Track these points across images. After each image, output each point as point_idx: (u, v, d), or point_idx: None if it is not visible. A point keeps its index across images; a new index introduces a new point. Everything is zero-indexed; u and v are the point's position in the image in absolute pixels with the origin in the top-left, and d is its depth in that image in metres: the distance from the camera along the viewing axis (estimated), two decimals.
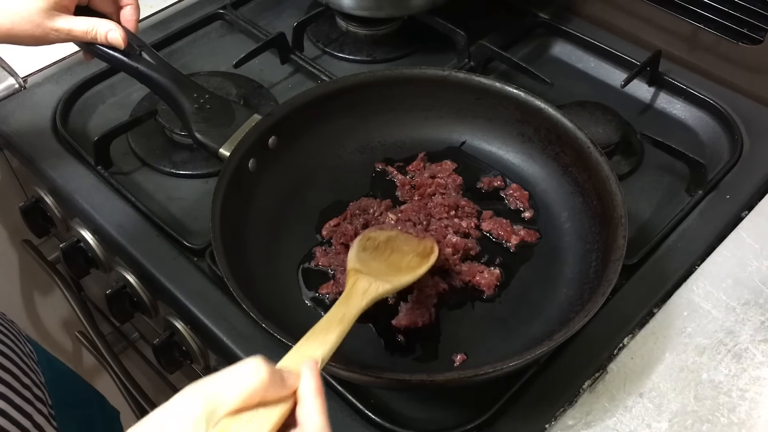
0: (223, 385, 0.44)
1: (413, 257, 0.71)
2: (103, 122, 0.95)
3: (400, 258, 0.70)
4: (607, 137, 0.88)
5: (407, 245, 0.72)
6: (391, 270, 0.68)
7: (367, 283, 0.64)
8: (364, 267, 0.66)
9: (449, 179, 0.83)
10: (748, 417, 0.67)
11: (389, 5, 1.01)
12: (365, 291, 0.63)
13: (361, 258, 0.68)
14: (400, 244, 0.72)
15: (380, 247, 0.70)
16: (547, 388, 0.70)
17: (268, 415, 0.45)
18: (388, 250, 0.70)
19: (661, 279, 0.78)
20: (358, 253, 0.69)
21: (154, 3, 1.11)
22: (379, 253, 0.70)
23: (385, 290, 0.64)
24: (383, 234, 0.73)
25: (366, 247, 0.70)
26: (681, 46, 1.00)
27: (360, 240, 0.71)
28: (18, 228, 1.07)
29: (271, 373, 0.45)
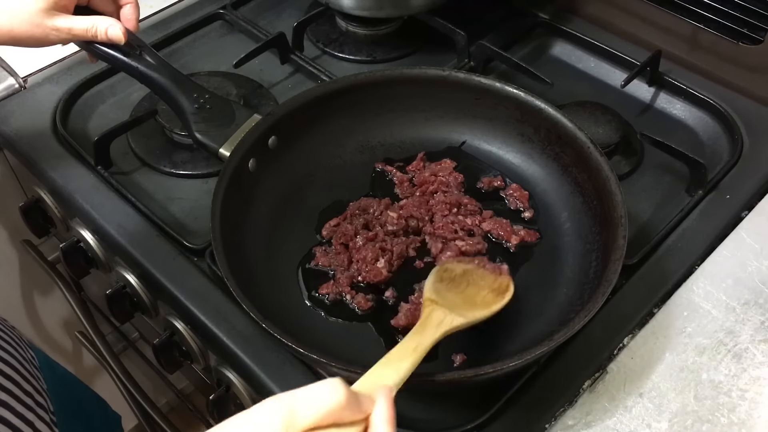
0: (303, 401, 0.45)
1: (488, 293, 0.70)
2: (103, 122, 0.95)
3: (476, 292, 0.69)
4: (607, 137, 0.88)
5: (483, 280, 0.71)
6: (465, 303, 0.67)
7: (442, 315, 0.63)
8: (440, 298, 0.66)
9: (451, 177, 0.83)
10: (748, 417, 0.67)
11: (389, 5, 1.01)
12: (440, 323, 0.62)
13: (438, 289, 0.67)
14: (477, 279, 0.71)
15: (456, 279, 0.70)
16: (547, 388, 0.70)
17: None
18: (464, 282, 0.70)
19: (661, 279, 0.78)
20: (434, 283, 0.68)
21: (154, 3, 1.11)
22: (455, 285, 0.69)
23: (459, 324, 0.64)
24: (460, 266, 0.72)
25: (443, 278, 0.69)
26: (681, 46, 1.00)
27: (437, 270, 0.70)
28: (18, 228, 1.07)
29: (348, 396, 0.46)
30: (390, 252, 0.77)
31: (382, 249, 0.77)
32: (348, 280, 0.75)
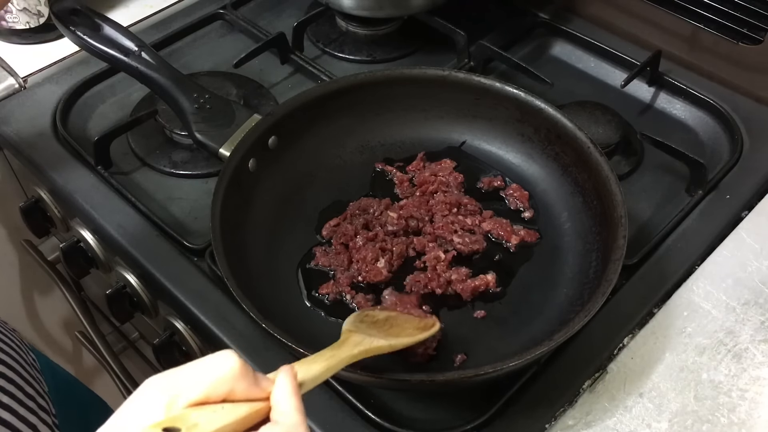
0: (189, 373, 0.42)
1: (412, 330, 0.66)
2: (103, 122, 0.95)
3: (399, 331, 0.66)
4: (607, 137, 0.88)
5: (407, 323, 0.68)
6: (389, 336, 0.64)
7: (360, 338, 0.59)
8: (359, 329, 0.62)
9: (450, 177, 0.83)
10: (748, 417, 0.67)
11: (389, 5, 1.01)
12: (358, 343, 0.59)
13: (357, 326, 0.63)
14: (400, 322, 0.68)
15: (378, 323, 0.66)
16: (547, 388, 0.70)
17: (232, 409, 0.41)
18: (387, 325, 0.67)
19: (661, 279, 0.78)
20: (352, 323, 0.64)
21: (154, 3, 1.11)
22: (376, 326, 0.65)
23: (380, 345, 0.60)
24: (383, 313, 0.69)
25: (363, 320, 0.65)
26: (681, 46, 1.00)
27: (357, 314, 0.67)
28: (18, 228, 1.07)
29: (242, 367, 0.42)
30: (390, 252, 0.77)
31: (382, 249, 0.77)
32: (348, 280, 0.75)
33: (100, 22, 0.85)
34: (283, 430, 0.42)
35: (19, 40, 1.04)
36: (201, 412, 0.40)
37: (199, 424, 0.39)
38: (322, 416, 0.68)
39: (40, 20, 1.02)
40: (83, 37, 0.84)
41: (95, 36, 0.84)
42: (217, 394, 0.41)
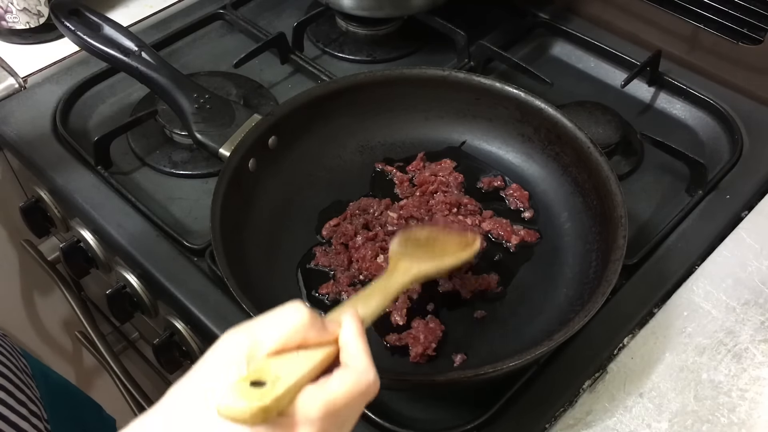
0: (265, 325, 0.44)
1: (455, 247, 0.69)
2: (103, 122, 0.95)
3: (443, 249, 0.68)
4: (607, 137, 0.88)
5: (449, 240, 0.70)
6: (434, 257, 0.66)
7: (409, 263, 0.62)
8: (406, 251, 0.64)
9: (451, 177, 0.83)
10: (748, 417, 0.67)
11: (389, 5, 1.01)
12: (407, 269, 0.61)
13: (403, 248, 0.66)
14: (443, 240, 0.70)
15: (420, 243, 0.68)
16: (547, 388, 0.70)
17: (308, 356, 0.44)
18: (430, 245, 0.69)
19: (661, 279, 0.78)
20: (398, 246, 0.66)
21: (154, 3, 1.11)
22: (419, 246, 0.68)
23: (428, 269, 0.63)
24: (424, 231, 0.71)
25: (407, 242, 0.67)
26: (681, 46, 1.00)
27: (401, 234, 0.68)
28: (18, 228, 1.07)
29: (311, 315, 0.44)
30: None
31: (382, 248, 0.77)
32: (348, 279, 0.75)
33: (100, 22, 0.85)
34: (355, 375, 0.44)
35: (19, 40, 1.04)
36: (280, 362, 0.43)
37: (281, 377, 0.41)
38: None
39: (40, 20, 1.02)
40: (83, 37, 0.84)
41: (95, 36, 0.84)
42: (293, 342, 0.44)
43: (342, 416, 0.44)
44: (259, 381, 0.41)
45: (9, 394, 0.70)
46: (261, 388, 0.41)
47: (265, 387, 0.41)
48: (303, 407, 0.42)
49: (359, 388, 0.44)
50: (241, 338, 0.44)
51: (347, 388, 0.43)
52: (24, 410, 0.71)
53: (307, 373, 0.43)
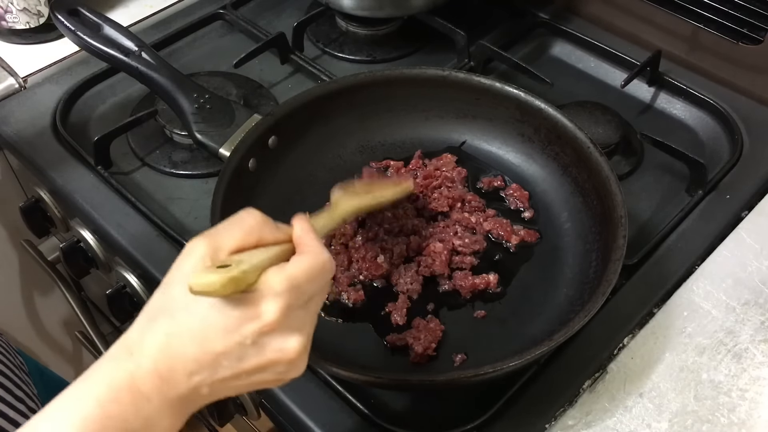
0: (222, 227, 0.49)
1: (391, 190, 0.74)
2: (103, 122, 0.95)
3: (381, 192, 0.73)
4: (607, 137, 0.88)
5: (385, 188, 0.75)
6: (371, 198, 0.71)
7: (349, 198, 0.67)
8: (346, 195, 0.68)
9: (454, 172, 0.83)
10: (748, 417, 0.67)
11: (389, 5, 1.01)
12: (348, 201, 0.66)
13: (344, 194, 0.69)
14: (378, 189, 0.74)
15: (359, 193, 0.72)
16: (547, 388, 0.70)
17: (266, 249, 0.49)
18: (368, 192, 0.73)
19: (661, 279, 0.78)
20: (338, 192, 0.69)
21: (154, 3, 1.11)
22: (358, 194, 0.71)
23: (368, 201, 0.69)
24: (362, 185, 0.74)
25: (347, 192, 0.70)
26: (681, 46, 1.00)
27: (340, 185, 0.70)
28: (18, 228, 1.07)
29: (263, 217, 0.50)
30: (390, 251, 0.77)
31: (382, 248, 0.77)
32: (348, 279, 0.75)
33: (100, 22, 0.85)
34: (311, 255, 0.49)
35: (19, 40, 1.04)
36: (241, 255, 0.48)
37: (243, 260, 0.47)
38: (322, 416, 0.68)
39: (40, 20, 1.02)
40: (83, 37, 0.84)
41: (95, 36, 0.84)
42: (250, 241, 0.49)
43: (306, 292, 0.48)
44: (224, 265, 0.46)
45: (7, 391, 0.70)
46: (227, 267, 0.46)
47: (230, 267, 0.46)
48: (267, 282, 0.47)
49: (316, 264, 0.49)
50: (204, 241, 0.48)
51: (305, 265, 0.48)
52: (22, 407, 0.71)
53: (267, 259, 0.48)
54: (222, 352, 0.46)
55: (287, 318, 0.47)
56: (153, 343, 0.46)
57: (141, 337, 0.47)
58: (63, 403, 0.46)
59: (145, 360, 0.46)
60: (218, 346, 0.46)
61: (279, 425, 0.78)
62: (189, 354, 0.46)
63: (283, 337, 0.47)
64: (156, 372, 0.46)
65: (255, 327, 0.46)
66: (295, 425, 0.70)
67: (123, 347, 0.47)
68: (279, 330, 0.47)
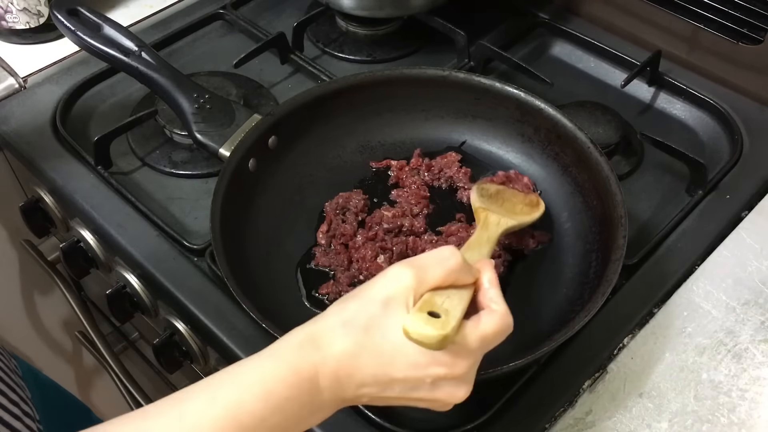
0: (428, 263, 0.51)
1: (522, 206, 0.77)
2: (103, 122, 0.95)
3: (512, 206, 0.76)
4: (607, 137, 0.88)
5: (515, 197, 0.78)
6: (507, 213, 0.74)
7: (496, 218, 0.70)
8: (487, 206, 0.73)
9: (460, 173, 0.83)
10: (748, 417, 0.67)
11: (389, 5, 1.01)
12: (498, 222, 0.70)
13: (483, 200, 0.74)
14: (509, 196, 0.77)
15: (492, 196, 0.76)
16: (547, 388, 0.70)
17: (461, 294, 0.52)
18: (500, 199, 0.76)
19: (661, 279, 0.78)
20: (478, 197, 0.75)
21: (154, 3, 1.11)
22: (492, 200, 0.75)
23: (513, 224, 0.72)
24: (493, 187, 0.78)
25: (482, 194, 0.76)
26: (681, 46, 1.00)
27: (476, 187, 0.77)
28: (18, 228, 1.07)
29: (464, 259, 0.52)
30: (390, 251, 0.77)
31: (382, 248, 0.77)
32: (348, 279, 0.75)
33: (100, 22, 0.85)
34: (500, 315, 0.52)
35: (19, 40, 1.04)
36: (442, 298, 0.50)
37: (449, 311, 0.49)
38: None
39: (40, 20, 1.02)
40: (83, 37, 0.84)
41: (95, 36, 0.84)
42: (449, 281, 0.51)
43: (488, 349, 0.53)
44: (432, 312, 0.49)
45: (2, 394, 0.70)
46: (438, 319, 0.48)
47: (441, 318, 0.48)
48: (466, 338, 0.50)
49: (504, 326, 0.52)
50: (409, 273, 0.50)
51: (497, 327, 0.52)
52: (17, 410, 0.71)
53: (464, 309, 0.51)
54: (400, 379, 0.50)
55: (469, 372, 0.52)
56: (343, 347, 0.50)
57: (332, 337, 0.50)
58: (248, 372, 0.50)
59: (330, 360, 0.50)
60: (399, 374, 0.50)
61: None
62: (369, 369, 0.50)
63: (458, 385, 0.52)
64: (336, 374, 0.50)
65: (441, 372, 0.50)
66: None
67: (310, 339, 0.51)
68: (458, 380, 0.51)
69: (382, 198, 0.83)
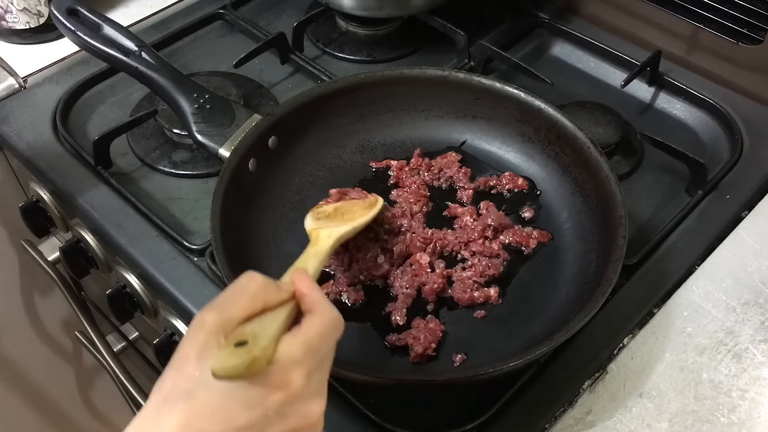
0: (228, 297, 0.49)
1: (362, 210, 0.74)
2: (103, 122, 0.95)
3: (353, 215, 0.73)
4: (607, 137, 0.88)
5: (354, 206, 0.75)
6: (345, 222, 0.71)
7: (327, 231, 0.67)
8: (320, 225, 0.70)
9: (460, 173, 0.83)
10: (748, 417, 0.67)
11: (389, 5, 1.01)
12: (328, 235, 0.67)
13: (318, 222, 0.71)
14: (348, 208, 0.75)
15: (330, 215, 0.73)
16: (547, 388, 0.70)
17: (275, 315, 0.48)
18: (339, 214, 0.73)
19: (661, 279, 0.78)
20: (313, 220, 0.72)
21: (154, 3, 1.11)
22: (332, 218, 0.72)
23: (346, 230, 0.69)
24: (330, 206, 0.75)
25: (318, 217, 0.72)
26: (681, 46, 1.00)
27: (310, 214, 0.73)
28: (18, 228, 1.07)
29: (265, 280, 0.49)
30: (391, 251, 0.77)
31: (383, 249, 0.77)
32: (348, 279, 0.75)
33: (100, 22, 0.85)
34: (320, 315, 0.50)
35: (19, 40, 1.04)
36: (253, 325, 0.47)
37: (258, 334, 0.46)
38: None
39: (40, 20, 1.02)
40: (83, 37, 0.84)
41: (95, 36, 0.84)
42: (257, 307, 0.48)
43: (321, 353, 0.49)
44: (240, 342, 0.45)
45: None
46: (245, 346, 0.45)
47: (248, 344, 0.45)
48: (286, 351, 0.46)
49: (328, 323, 0.49)
50: (211, 315, 0.47)
51: (318, 327, 0.49)
52: None
53: (279, 327, 0.47)
54: (245, 426, 0.46)
55: (309, 384, 0.47)
56: (172, 424, 0.45)
57: (159, 420, 0.46)
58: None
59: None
60: (241, 421, 0.45)
61: None
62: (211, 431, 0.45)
63: (305, 403, 0.48)
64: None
65: (279, 398, 0.46)
66: None
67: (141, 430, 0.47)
68: (301, 397, 0.47)
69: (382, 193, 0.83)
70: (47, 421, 1.37)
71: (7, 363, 1.24)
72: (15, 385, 1.28)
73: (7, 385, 1.27)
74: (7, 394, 1.27)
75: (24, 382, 1.29)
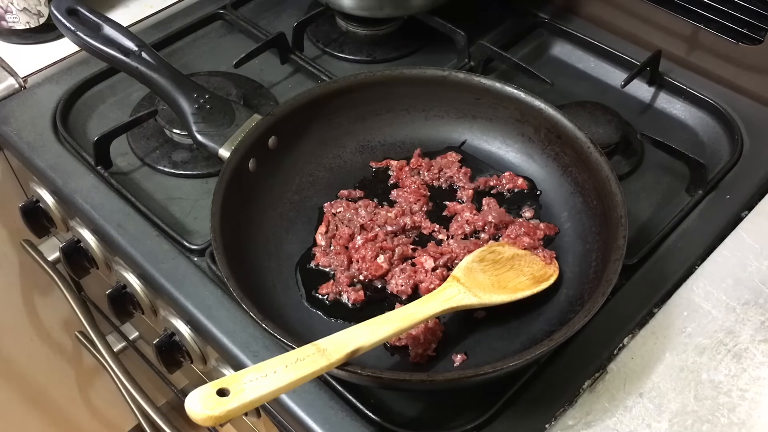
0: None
1: (526, 279, 0.71)
2: (103, 122, 0.95)
3: (513, 277, 0.70)
4: (607, 137, 0.88)
5: (529, 267, 0.72)
6: (493, 286, 0.68)
7: (455, 291, 0.64)
8: (466, 277, 0.66)
9: (460, 173, 0.83)
10: (748, 417, 0.67)
11: (389, 5, 1.01)
12: (449, 298, 0.64)
13: (471, 268, 0.68)
14: (522, 264, 0.72)
15: (501, 261, 0.70)
16: (547, 388, 0.70)
17: (277, 377, 0.50)
18: (507, 266, 0.70)
19: (661, 279, 0.78)
20: (472, 261, 0.69)
21: (154, 3, 1.11)
22: (495, 266, 0.69)
23: (470, 303, 0.65)
24: (511, 250, 0.73)
25: (484, 259, 0.70)
26: (681, 46, 1.00)
27: (483, 249, 0.70)
28: (18, 228, 1.07)
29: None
30: (391, 251, 0.77)
31: (382, 249, 0.77)
32: (348, 279, 0.75)
33: (100, 22, 0.85)
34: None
35: (19, 40, 1.04)
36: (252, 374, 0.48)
37: (246, 389, 0.47)
38: (322, 416, 0.68)
39: (40, 20, 1.02)
40: (83, 37, 0.84)
41: (95, 36, 0.84)
42: None
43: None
44: (224, 390, 0.46)
45: None
46: (224, 396, 0.46)
47: (227, 396, 0.46)
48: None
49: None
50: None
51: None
52: None
53: (270, 393, 0.47)
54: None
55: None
56: None
57: None
58: None
59: None
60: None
61: (279, 425, 0.78)
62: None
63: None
64: None
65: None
66: (295, 425, 0.70)
67: None
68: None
69: (382, 198, 0.83)
70: (47, 421, 1.38)
71: (7, 363, 1.24)
72: (15, 385, 1.28)
73: (7, 385, 1.27)
74: (7, 394, 1.27)
75: (24, 382, 1.29)
